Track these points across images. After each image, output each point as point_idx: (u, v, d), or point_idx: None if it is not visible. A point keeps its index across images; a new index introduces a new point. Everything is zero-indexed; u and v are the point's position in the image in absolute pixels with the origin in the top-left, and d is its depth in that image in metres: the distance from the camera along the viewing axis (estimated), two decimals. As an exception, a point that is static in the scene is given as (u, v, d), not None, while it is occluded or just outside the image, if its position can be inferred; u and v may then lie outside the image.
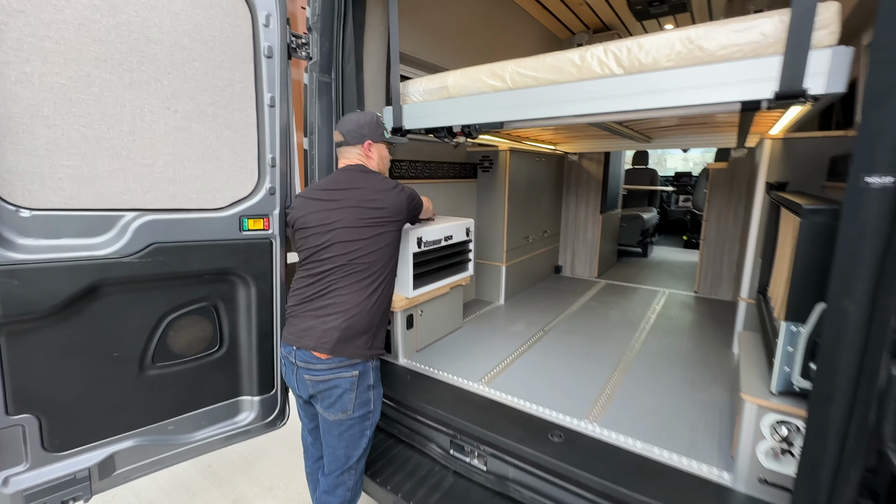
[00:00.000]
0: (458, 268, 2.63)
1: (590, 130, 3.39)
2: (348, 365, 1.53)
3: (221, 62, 1.84)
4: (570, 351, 2.67)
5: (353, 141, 1.74)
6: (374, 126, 1.76)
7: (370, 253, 1.58)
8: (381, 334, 1.66)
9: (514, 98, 1.84)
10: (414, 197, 1.80)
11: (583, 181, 4.55)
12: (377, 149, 1.78)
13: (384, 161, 1.82)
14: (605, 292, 4.04)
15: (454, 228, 2.48)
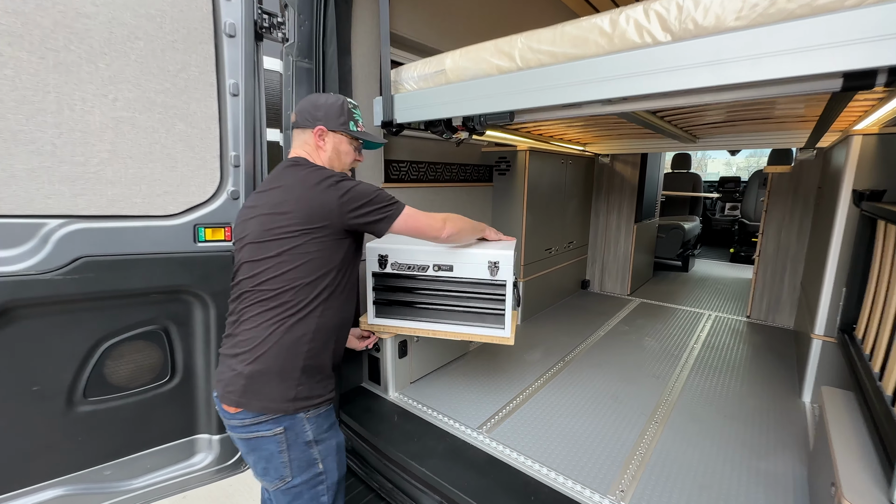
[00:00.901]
0: (479, 318, 1.72)
1: (624, 127, 2.93)
2: (267, 420, 1.14)
3: (173, 42, 1.55)
4: (594, 390, 2.23)
5: (304, 123, 1.33)
6: (335, 111, 1.33)
7: (280, 276, 1.15)
8: (317, 379, 1.22)
9: (525, 80, 1.44)
10: (363, 195, 1.21)
11: (615, 186, 4.06)
12: (333, 140, 1.33)
13: (341, 158, 1.36)
14: (638, 313, 3.54)
15: (465, 257, 1.68)
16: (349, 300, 1.32)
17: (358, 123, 1.39)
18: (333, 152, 1.35)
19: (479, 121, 1.76)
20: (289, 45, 1.82)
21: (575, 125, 2.83)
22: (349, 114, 1.36)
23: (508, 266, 1.65)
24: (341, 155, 1.37)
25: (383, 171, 2.28)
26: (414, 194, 2.53)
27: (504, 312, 1.68)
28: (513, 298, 1.69)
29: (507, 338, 1.68)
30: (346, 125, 1.35)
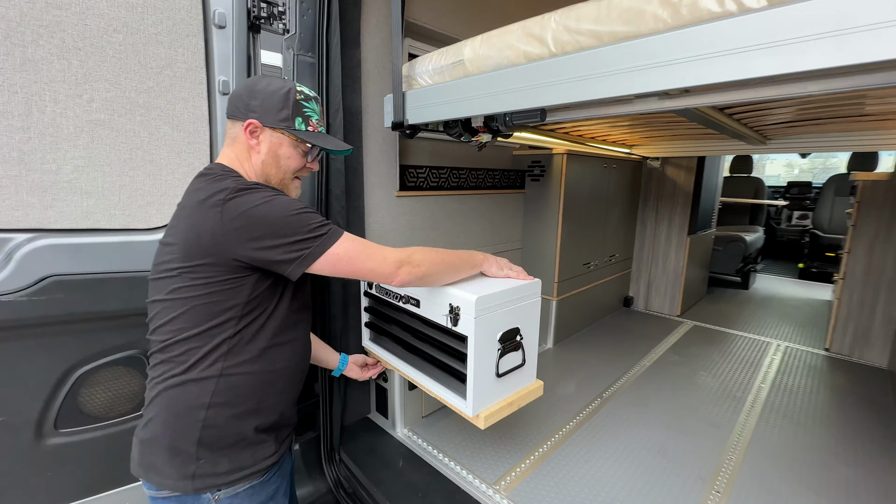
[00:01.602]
0: (444, 375, 1.37)
1: (679, 126, 2.53)
2: (169, 497, 0.91)
3: (156, 35, 1.38)
4: (637, 439, 1.87)
5: (234, 112, 1.02)
6: (276, 102, 0.99)
7: (165, 325, 0.90)
8: (232, 451, 0.94)
9: (559, 69, 1.14)
10: (265, 220, 0.87)
11: (666, 193, 3.61)
12: (269, 139, 1.01)
13: (279, 164, 1.03)
14: (691, 339, 3.09)
15: (431, 293, 1.30)
16: (286, 346, 1.02)
17: (309, 121, 1.05)
18: (269, 156, 1.02)
19: (503, 121, 1.48)
20: (290, 36, 1.62)
21: (620, 125, 2.47)
22: (296, 107, 1.02)
23: (470, 316, 1.20)
24: (280, 160, 1.03)
25: (398, 178, 2.04)
26: (434, 204, 2.27)
27: (465, 378, 1.26)
28: (493, 367, 1.24)
29: (470, 417, 1.26)
30: (290, 122, 1.01)
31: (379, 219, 1.99)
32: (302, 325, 1.10)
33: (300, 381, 1.12)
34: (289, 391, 1.07)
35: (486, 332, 1.24)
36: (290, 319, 1.03)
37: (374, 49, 1.83)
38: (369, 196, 1.93)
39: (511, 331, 1.32)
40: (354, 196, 1.79)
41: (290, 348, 1.04)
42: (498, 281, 1.38)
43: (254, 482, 0.98)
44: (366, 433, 1.90)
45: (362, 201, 1.84)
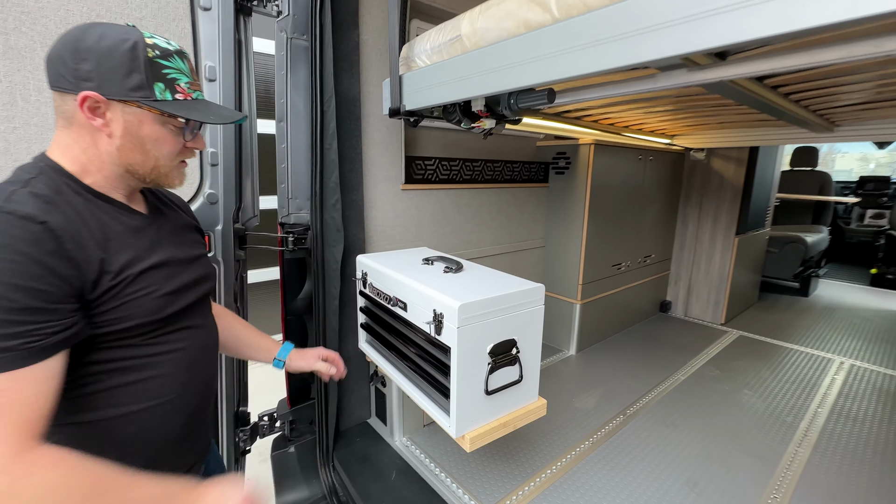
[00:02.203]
0: (430, 387, 1.24)
1: (727, 112, 2.22)
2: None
3: (141, 19, 1.32)
4: (661, 467, 1.65)
5: (58, 83, 0.70)
6: (119, 62, 0.69)
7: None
8: None
9: (564, 36, 0.96)
10: None
11: (711, 188, 3.26)
12: (123, 118, 0.72)
13: (147, 151, 0.76)
14: (735, 351, 2.77)
15: (416, 295, 1.20)
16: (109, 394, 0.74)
17: (176, 85, 0.75)
18: (127, 139, 0.73)
19: (507, 103, 1.31)
20: (283, 18, 1.52)
21: (655, 111, 2.21)
22: (151, 68, 0.72)
23: (453, 325, 1.04)
24: (145, 144, 0.75)
25: (403, 170, 1.92)
26: (444, 198, 2.13)
27: (448, 393, 1.12)
28: (481, 384, 1.08)
29: (454, 437, 1.13)
30: (147, 90, 0.72)
31: (381, 213, 1.88)
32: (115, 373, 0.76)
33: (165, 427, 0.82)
34: (151, 436, 0.80)
35: (473, 343, 1.09)
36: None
37: (375, 30, 1.71)
38: (370, 189, 1.81)
39: (505, 343, 1.15)
40: (351, 189, 1.68)
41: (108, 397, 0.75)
42: (492, 283, 1.22)
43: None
44: (363, 440, 1.80)
45: (361, 194, 1.73)
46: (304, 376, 1.80)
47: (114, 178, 0.77)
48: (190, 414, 0.86)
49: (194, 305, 0.87)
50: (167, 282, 0.80)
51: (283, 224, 1.66)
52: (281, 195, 1.65)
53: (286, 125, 1.59)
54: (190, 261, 0.89)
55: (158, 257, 0.80)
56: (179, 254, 0.86)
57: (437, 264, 1.43)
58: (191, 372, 0.85)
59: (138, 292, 0.75)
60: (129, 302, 0.73)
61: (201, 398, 0.89)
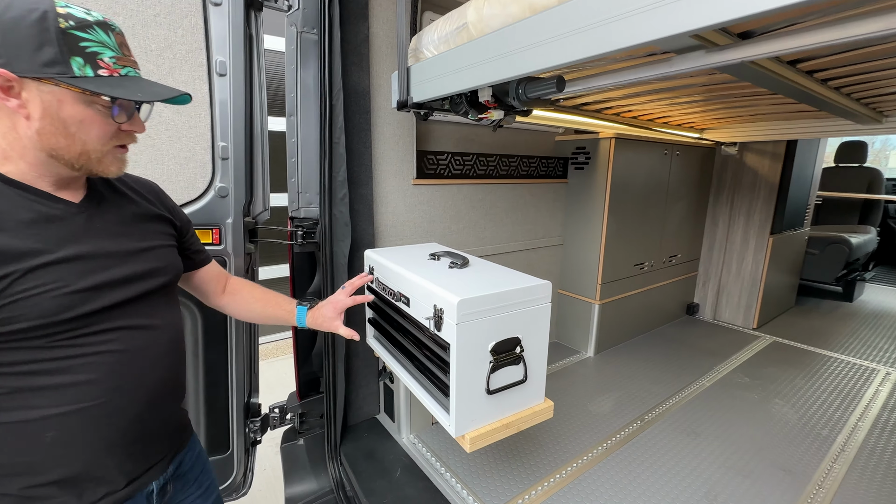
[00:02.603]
0: (431, 385, 1.21)
1: (763, 101, 2.09)
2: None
3: (155, 16, 1.35)
4: (679, 477, 1.56)
5: None
6: (26, 34, 0.63)
7: None
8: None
9: (571, 16, 0.91)
10: None
11: (744, 185, 3.08)
12: (40, 97, 0.66)
13: (72, 135, 0.69)
14: (767, 357, 2.61)
15: (418, 289, 1.18)
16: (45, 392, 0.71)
17: (98, 60, 0.67)
18: (48, 122, 0.67)
19: (515, 93, 1.26)
20: (293, 13, 1.53)
21: (680, 102, 2.09)
22: (66, 40, 0.65)
23: (452, 321, 1.02)
24: (69, 127, 0.68)
25: (415, 165, 1.89)
26: (457, 193, 2.10)
27: (448, 391, 1.09)
28: (481, 384, 1.05)
29: (454, 436, 1.10)
30: (64, 65, 0.65)
31: (392, 209, 1.86)
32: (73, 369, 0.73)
33: (106, 426, 0.77)
34: (78, 441, 0.75)
35: (473, 340, 1.05)
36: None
37: (386, 22, 1.69)
38: (380, 184, 1.80)
39: (508, 341, 1.11)
40: (360, 183, 1.68)
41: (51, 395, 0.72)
42: (496, 279, 1.18)
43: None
44: (370, 436, 1.80)
45: (370, 189, 1.72)
46: (312, 371, 1.81)
47: (38, 165, 0.71)
48: (132, 419, 0.79)
49: (131, 303, 0.79)
50: (80, 278, 0.72)
51: (293, 218, 1.67)
52: (291, 189, 1.66)
53: (296, 120, 1.60)
54: (128, 254, 0.80)
55: (73, 251, 0.72)
56: (113, 247, 0.78)
57: (443, 260, 1.40)
58: (124, 377, 0.77)
59: (32, 290, 0.67)
60: (20, 301, 0.66)
61: (146, 402, 0.81)
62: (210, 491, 1.05)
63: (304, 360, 1.80)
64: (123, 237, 0.81)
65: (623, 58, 1.31)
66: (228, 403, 1.63)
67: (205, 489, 1.02)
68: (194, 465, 1.00)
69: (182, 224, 0.99)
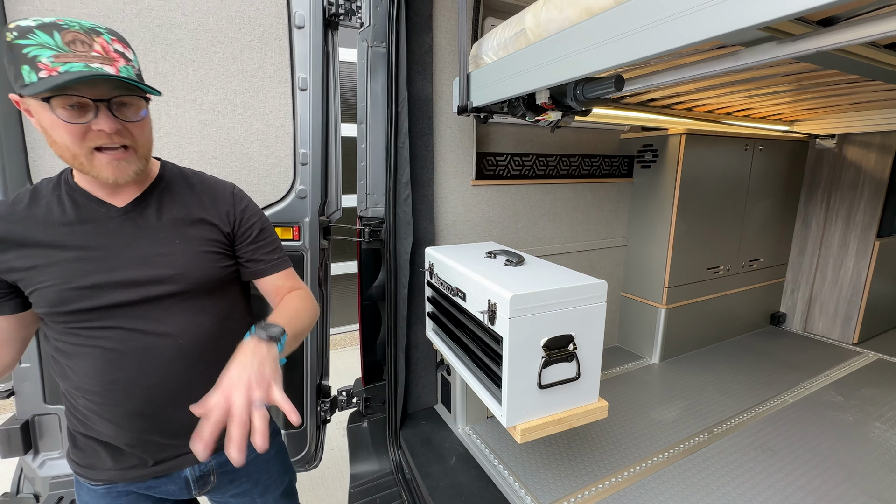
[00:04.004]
0: (486, 377, 1.26)
1: (865, 89, 1.87)
2: None
3: (251, 41, 1.56)
4: (750, 496, 1.46)
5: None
6: (5, 57, 0.69)
7: None
8: (76, 445, 0.91)
9: (628, 18, 0.92)
10: None
11: (844, 182, 2.75)
12: (33, 112, 0.73)
13: (56, 142, 0.73)
14: (868, 376, 2.31)
15: (474, 284, 1.23)
16: (71, 362, 0.84)
17: (38, 63, 0.67)
18: (44, 133, 0.74)
19: (572, 94, 1.28)
20: (364, 29, 1.67)
21: (763, 93, 1.93)
22: (12, 52, 0.68)
23: (505, 315, 1.07)
24: (52, 136, 0.73)
25: (474, 166, 1.96)
26: (515, 193, 2.13)
27: (500, 382, 1.14)
28: (534, 378, 1.09)
29: (506, 427, 1.14)
30: (21, 78, 0.68)
31: (452, 209, 1.94)
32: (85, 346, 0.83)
33: (121, 406, 0.84)
34: (97, 415, 0.85)
35: (526, 335, 1.09)
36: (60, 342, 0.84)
37: (448, 32, 1.77)
38: (441, 185, 1.89)
39: (561, 338, 1.14)
40: (422, 184, 1.78)
41: (74, 366, 0.84)
42: (550, 277, 1.20)
43: (93, 485, 0.93)
44: (427, 424, 1.89)
45: (431, 190, 1.82)
46: (376, 360, 1.95)
47: (76, 172, 0.84)
48: (132, 413, 0.85)
49: (132, 306, 0.83)
50: (82, 277, 0.79)
51: (362, 217, 1.82)
52: (360, 191, 1.81)
53: (366, 126, 1.74)
54: (141, 259, 0.83)
55: (85, 251, 0.80)
56: (128, 251, 0.83)
57: (499, 257, 1.45)
58: (116, 373, 0.82)
59: (45, 282, 0.78)
60: (37, 290, 0.79)
61: (145, 401, 0.85)
62: (270, 488, 1.09)
63: (369, 348, 1.94)
64: (146, 241, 0.84)
65: (686, 53, 1.27)
66: (303, 384, 1.82)
67: (264, 487, 1.07)
68: (248, 465, 1.03)
69: (238, 231, 0.95)
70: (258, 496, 1.08)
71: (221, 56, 1.54)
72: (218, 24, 1.51)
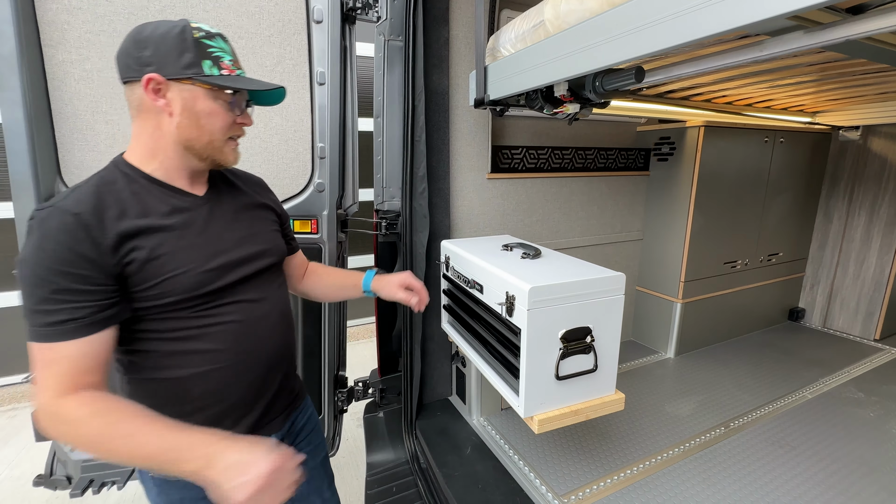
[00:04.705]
0: (503, 369, 1.27)
1: (893, 78, 1.82)
2: None
3: (270, 36, 1.58)
4: (767, 489, 1.46)
5: (127, 75, 0.81)
6: (172, 44, 0.79)
7: None
8: None
9: (647, 7, 0.91)
10: (21, 286, 0.73)
11: (868, 175, 2.68)
12: (180, 95, 0.81)
13: (201, 126, 0.84)
14: (890, 373, 2.27)
15: (491, 277, 1.25)
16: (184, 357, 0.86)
17: (221, 62, 0.83)
18: (185, 116, 0.82)
19: (591, 86, 1.27)
20: (381, 23, 1.67)
21: (786, 83, 1.89)
22: (199, 47, 0.81)
23: (524, 307, 1.07)
24: (200, 119, 0.83)
25: (490, 160, 1.96)
26: (530, 187, 2.12)
27: (518, 373, 1.14)
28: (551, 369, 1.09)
29: (523, 417, 1.15)
30: (198, 67, 0.80)
31: (467, 202, 1.95)
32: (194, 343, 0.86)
33: (225, 387, 0.90)
34: (212, 396, 0.90)
35: (544, 327, 1.10)
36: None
37: (465, 25, 1.77)
38: (457, 178, 1.90)
39: (578, 330, 1.14)
40: (438, 178, 1.79)
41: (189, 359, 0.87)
42: (567, 269, 1.21)
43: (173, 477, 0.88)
44: (442, 414, 1.92)
45: (447, 183, 1.83)
46: (392, 351, 1.98)
47: (176, 160, 0.85)
48: (253, 379, 0.93)
49: (248, 280, 0.92)
50: (208, 260, 0.85)
51: (378, 211, 1.84)
52: (377, 184, 1.82)
53: (382, 121, 1.75)
54: (242, 239, 0.93)
55: (201, 237, 0.87)
56: (230, 233, 0.92)
57: (515, 250, 1.45)
58: (247, 342, 0.91)
59: (177, 269, 0.81)
60: (170, 279, 0.80)
61: (266, 365, 0.95)
62: (319, 449, 1.20)
63: (386, 339, 1.97)
64: (237, 224, 0.95)
65: (708, 43, 1.25)
66: (321, 373, 1.85)
67: (314, 446, 1.17)
68: (306, 425, 1.15)
69: (282, 214, 1.13)
70: (310, 459, 1.15)
71: (241, 51, 1.55)
72: (238, 20, 1.54)
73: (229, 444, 0.70)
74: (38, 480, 1.64)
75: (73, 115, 1.46)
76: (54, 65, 1.42)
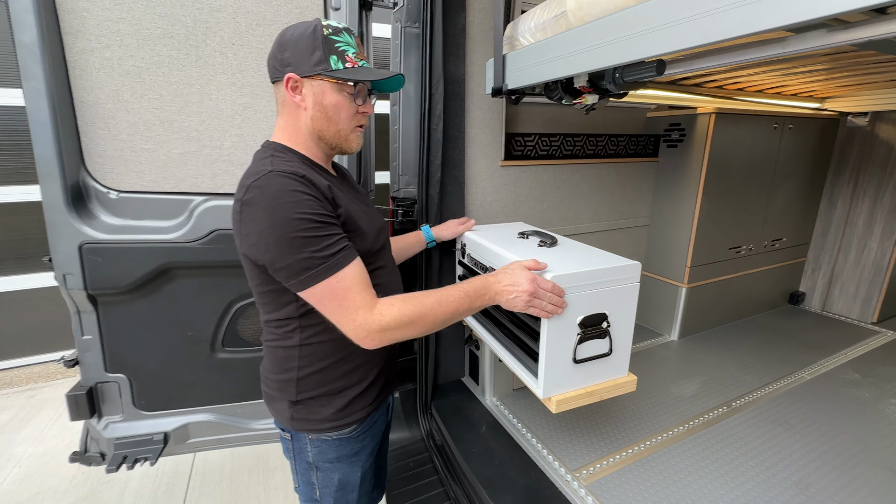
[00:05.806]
0: (520, 352, 1.34)
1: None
2: (282, 428, 1.10)
3: (287, 23, 1.57)
4: (767, 464, 1.55)
5: (274, 76, 0.95)
6: (306, 44, 0.88)
7: (256, 302, 1.02)
8: (318, 407, 1.01)
9: (679, 4, 0.93)
10: (266, 236, 0.81)
11: (874, 161, 2.71)
12: (312, 91, 0.90)
13: (329, 117, 0.93)
14: (886, 355, 2.35)
15: (504, 263, 1.27)
16: None
17: (346, 56, 0.91)
18: (316, 110, 0.92)
19: (612, 78, 1.29)
20: (398, 9, 1.67)
21: (797, 71, 1.90)
22: (327, 44, 0.88)
23: None
24: (328, 112, 0.92)
25: (503, 147, 1.98)
26: (542, 174, 2.15)
27: (537, 357, 1.20)
28: (569, 350, 1.17)
29: (541, 398, 1.21)
30: (325, 63, 0.88)
31: (481, 189, 1.98)
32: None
33: (384, 349, 1.06)
34: (373, 359, 1.05)
35: (563, 314, 1.15)
36: None
37: (481, 11, 1.76)
38: (471, 166, 1.92)
39: (595, 316, 1.20)
40: (453, 165, 1.81)
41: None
42: (586, 258, 1.25)
43: (341, 434, 1.04)
44: (457, 395, 1.99)
45: (462, 171, 1.85)
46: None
47: (313, 149, 0.97)
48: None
49: (385, 247, 1.09)
50: (370, 224, 1.00)
51: (394, 198, 1.86)
52: (392, 172, 1.85)
53: (399, 108, 1.76)
54: (374, 212, 1.10)
55: (355, 206, 0.99)
56: (366, 207, 1.08)
57: (531, 238, 1.50)
58: None
59: (361, 227, 0.95)
60: (360, 235, 0.94)
61: None
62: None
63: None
64: (360, 200, 1.07)
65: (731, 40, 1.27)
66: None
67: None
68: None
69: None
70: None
71: (259, 38, 1.56)
72: (256, 7, 1.53)
73: (497, 275, 1.03)
74: (73, 457, 1.72)
75: (94, 104, 1.48)
76: (74, 53, 1.43)
